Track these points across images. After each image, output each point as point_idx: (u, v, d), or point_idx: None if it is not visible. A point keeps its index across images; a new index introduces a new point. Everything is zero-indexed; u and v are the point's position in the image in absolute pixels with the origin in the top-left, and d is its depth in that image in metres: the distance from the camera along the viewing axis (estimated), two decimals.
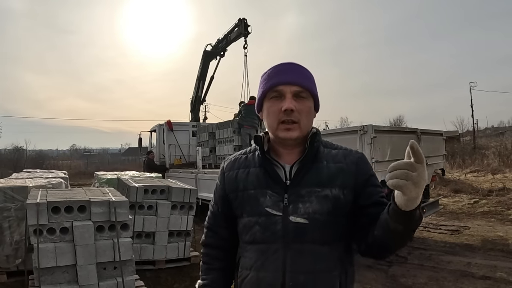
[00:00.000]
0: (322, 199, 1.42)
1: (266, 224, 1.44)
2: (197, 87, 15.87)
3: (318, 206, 1.41)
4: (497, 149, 21.13)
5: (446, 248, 6.94)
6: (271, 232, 1.43)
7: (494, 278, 5.28)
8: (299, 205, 1.42)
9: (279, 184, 1.47)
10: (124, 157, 58.99)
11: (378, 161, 5.78)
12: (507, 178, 14.64)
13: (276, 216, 1.43)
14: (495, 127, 63.12)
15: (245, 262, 1.51)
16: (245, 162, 1.58)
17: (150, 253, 6.10)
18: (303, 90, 1.46)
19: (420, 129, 7.04)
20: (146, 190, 6.15)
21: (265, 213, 1.44)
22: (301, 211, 1.41)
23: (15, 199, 5.22)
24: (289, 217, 1.41)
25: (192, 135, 13.45)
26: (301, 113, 1.45)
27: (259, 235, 1.46)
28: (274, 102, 1.47)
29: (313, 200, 1.42)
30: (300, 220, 1.41)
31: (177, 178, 9.28)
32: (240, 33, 13.90)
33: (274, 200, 1.44)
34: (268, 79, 1.50)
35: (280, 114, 1.44)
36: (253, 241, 1.48)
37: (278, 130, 1.46)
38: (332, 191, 1.44)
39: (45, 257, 4.09)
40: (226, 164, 1.65)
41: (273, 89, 1.47)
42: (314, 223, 1.41)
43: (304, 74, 1.50)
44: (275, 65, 1.54)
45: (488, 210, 10.24)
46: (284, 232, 1.41)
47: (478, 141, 32.98)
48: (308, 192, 1.43)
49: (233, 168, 1.60)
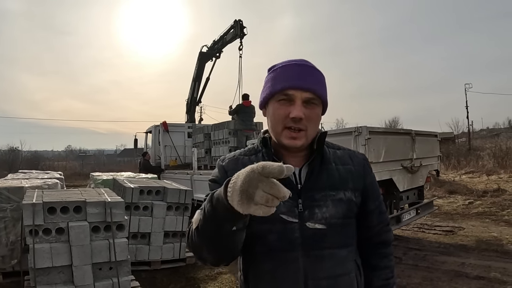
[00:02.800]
0: (337, 202, 1.39)
1: (282, 232, 1.35)
2: (192, 89, 15.86)
3: (334, 210, 1.38)
4: (492, 150, 21.17)
5: (440, 249, 6.97)
6: (289, 241, 1.35)
7: (488, 278, 5.31)
8: (315, 210, 1.37)
9: (292, 189, 1.32)
10: (119, 158, 58.82)
11: (373, 162, 5.79)
12: (502, 179, 14.69)
13: (292, 223, 1.35)
14: (490, 129, 63.48)
15: (258, 273, 1.41)
16: (250, 163, 1.38)
17: (145, 254, 6.11)
18: (315, 97, 1.37)
19: (414, 130, 7.07)
20: (141, 191, 6.16)
21: (280, 220, 1.34)
22: (318, 217, 1.36)
23: (11, 200, 5.21)
24: (305, 223, 1.35)
25: (188, 136, 13.43)
26: (310, 121, 1.37)
27: (275, 244, 1.36)
28: (282, 106, 1.37)
29: (329, 204, 1.38)
30: (318, 226, 1.36)
31: (173, 179, 9.28)
32: (235, 34, 13.90)
33: (288, 206, 1.35)
34: (279, 79, 1.39)
35: (286, 120, 1.35)
36: (268, 251, 1.37)
37: (283, 136, 1.38)
38: (346, 194, 1.41)
39: (40, 257, 4.09)
40: (227, 163, 1.50)
41: (283, 92, 1.36)
42: (332, 228, 1.37)
43: (317, 79, 1.41)
44: (286, 62, 1.43)
45: (483, 211, 10.28)
46: (303, 239, 1.35)
47: (473, 143, 33.05)
48: (323, 196, 1.38)
49: (237, 168, 1.38)
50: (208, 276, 5.89)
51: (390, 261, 1.57)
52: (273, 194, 0.94)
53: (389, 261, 1.56)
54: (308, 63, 1.44)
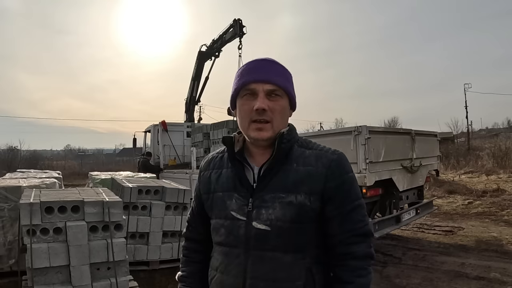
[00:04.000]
0: (286, 205, 1.36)
1: (230, 228, 1.42)
2: (191, 88, 15.81)
3: (281, 213, 1.36)
4: (491, 150, 21.24)
5: (440, 249, 6.96)
6: (234, 236, 1.41)
7: (488, 278, 5.30)
8: (262, 211, 1.38)
9: (246, 188, 1.43)
10: (118, 158, 58.75)
11: (372, 162, 5.79)
12: (501, 179, 14.70)
13: (240, 220, 1.41)
14: (490, 129, 63.71)
15: (213, 262, 1.51)
16: (220, 162, 1.55)
17: (144, 254, 6.07)
18: (277, 88, 1.40)
19: (414, 130, 7.06)
20: (140, 190, 6.12)
21: (230, 216, 1.42)
22: (264, 217, 1.37)
23: (9, 199, 5.18)
24: (252, 222, 1.38)
25: (187, 136, 13.40)
26: (274, 112, 1.39)
27: (224, 238, 1.44)
28: (246, 101, 1.41)
29: (276, 206, 1.37)
30: (262, 226, 1.37)
31: (171, 179, 9.25)
32: (235, 33, 13.85)
33: (240, 204, 1.42)
34: (241, 76, 1.44)
35: (252, 113, 1.39)
36: (219, 243, 1.47)
37: (250, 129, 1.41)
38: (297, 197, 1.37)
39: (38, 257, 4.06)
40: (203, 164, 1.63)
41: (245, 87, 1.41)
42: (276, 230, 1.36)
43: (278, 72, 1.44)
44: (249, 61, 1.48)
45: (482, 211, 10.29)
46: (246, 237, 1.39)
47: (473, 143, 33.12)
48: (272, 198, 1.38)
49: (208, 168, 1.58)
50: None
51: (357, 277, 1.36)
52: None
53: (354, 277, 1.36)
54: (271, 59, 1.48)
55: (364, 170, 5.66)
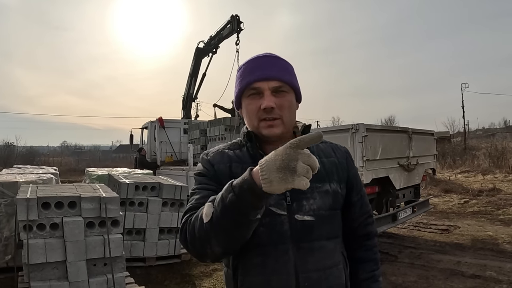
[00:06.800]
0: (324, 194, 1.40)
1: (272, 225, 1.35)
2: (189, 84, 15.78)
3: (321, 202, 1.39)
4: (488, 150, 21.28)
5: (436, 247, 6.98)
6: (278, 233, 1.35)
7: (483, 277, 5.32)
8: (303, 202, 1.37)
9: None
10: (115, 154, 58.67)
11: (369, 160, 5.79)
12: (497, 178, 14.77)
13: (281, 215, 1.35)
14: (486, 129, 63.82)
15: (248, 267, 1.38)
16: (236, 157, 1.46)
17: (140, 250, 6.08)
18: (282, 84, 1.39)
19: (411, 128, 7.07)
20: (137, 186, 6.12)
21: (269, 212, 1.33)
22: (306, 209, 1.37)
23: (5, 195, 5.17)
24: (294, 215, 1.36)
25: (184, 133, 13.41)
26: (282, 108, 1.38)
27: (264, 237, 1.34)
28: (253, 100, 1.39)
29: (316, 196, 1.39)
30: (307, 218, 1.36)
31: (168, 175, 9.25)
32: (232, 29, 13.80)
33: (276, 199, 1.35)
34: (244, 75, 1.41)
35: (259, 112, 1.37)
36: (257, 244, 1.35)
37: (260, 128, 1.39)
38: (331, 185, 1.43)
39: (35, 253, 4.05)
40: (212, 156, 1.49)
41: (250, 86, 1.39)
42: (320, 219, 1.38)
43: (282, 67, 1.43)
44: (250, 58, 1.45)
45: (478, 210, 10.33)
46: (292, 231, 1.35)
47: (469, 142, 33.19)
48: (310, 188, 1.30)
49: (223, 161, 1.45)
50: (203, 272, 5.87)
51: (375, 254, 1.58)
52: (310, 165, 1.04)
53: (373, 254, 1.58)
54: (271, 54, 1.46)
55: (361, 167, 5.66)
